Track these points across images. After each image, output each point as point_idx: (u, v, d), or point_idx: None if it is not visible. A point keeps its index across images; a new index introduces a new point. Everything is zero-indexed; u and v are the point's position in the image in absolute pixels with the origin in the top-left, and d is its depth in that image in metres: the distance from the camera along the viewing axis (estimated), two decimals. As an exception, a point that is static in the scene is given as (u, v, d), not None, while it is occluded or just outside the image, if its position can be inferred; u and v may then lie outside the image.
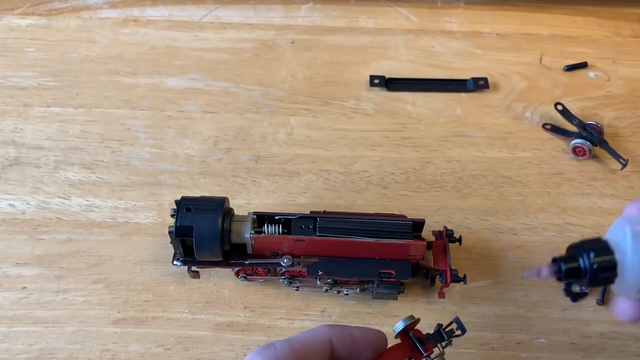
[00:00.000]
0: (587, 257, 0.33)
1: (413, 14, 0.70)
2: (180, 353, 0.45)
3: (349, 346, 0.32)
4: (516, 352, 0.45)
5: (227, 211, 0.44)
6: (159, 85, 0.62)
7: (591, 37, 0.68)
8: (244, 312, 0.47)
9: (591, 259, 0.33)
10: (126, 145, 0.57)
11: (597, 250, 0.34)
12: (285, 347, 0.31)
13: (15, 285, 0.48)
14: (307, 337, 0.32)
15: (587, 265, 0.33)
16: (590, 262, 0.33)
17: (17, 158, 0.56)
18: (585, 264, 0.33)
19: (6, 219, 0.52)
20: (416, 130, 0.59)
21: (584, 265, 0.34)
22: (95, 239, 0.51)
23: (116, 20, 0.68)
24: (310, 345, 0.31)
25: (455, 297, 0.48)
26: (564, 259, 0.34)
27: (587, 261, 0.33)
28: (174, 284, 0.48)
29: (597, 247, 0.34)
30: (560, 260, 0.34)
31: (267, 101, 0.61)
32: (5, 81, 0.62)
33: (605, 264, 0.33)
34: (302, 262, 0.44)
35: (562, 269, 0.34)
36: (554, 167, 0.56)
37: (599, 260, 0.33)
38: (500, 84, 0.63)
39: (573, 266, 0.34)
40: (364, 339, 0.33)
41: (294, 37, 0.67)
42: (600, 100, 0.62)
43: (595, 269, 0.33)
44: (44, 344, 0.45)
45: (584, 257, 0.34)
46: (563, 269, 0.34)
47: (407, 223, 0.44)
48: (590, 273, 0.33)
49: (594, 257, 0.33)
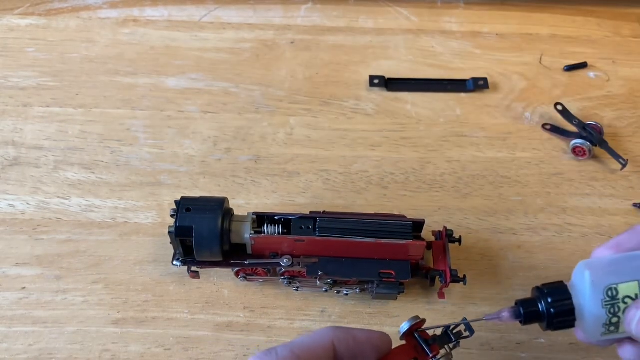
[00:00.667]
0: (546, 302, 0.34)
1: (413, 14, 0.70)
2: (180, 353, 0.45)
3: (352, 349, 0.32)
4: (516, 352, 0.45)
5: (226, 211, 0.44)
6: (159, 85, 0.62)
7: (591, 37, 0.68)
8: (243, 313, 0.47)
9: (549, 303, 0.34)
10: (126, 145, 0.57)
11: (556, 294, 0.34)
12: (286, 352, 0.30)
13: (15, 286, 0.48)
14: (309, 342, 0.31)
15: (545, 309, 0.34)
16: (548, 306, 0.34)
17: (17, 158, 0.56)
18: (544, 309, 0.34)
19: (6, 219, 0.52)
20: (416, 131, 0.59)
21: (543, 310, 0.34)
22: (95, 239, 0.51)
23: (116, 20, 0.68)
24: (312, 350, 0.31)
25: (455, 298, 0.48)
26: (524, 303, 0.35)
27: (545, 306, 0.34)
28: (173, 284, 0.48)
29: (556, 291, 0.34)
30: (520, 304, 0.35)
31: (266, 101, 0.61)
32: (5, 81, 0.62)
33: (563, 309, 0.34)
34: (302, 262, 0.44)
35: (521, 313, 0.34)
36: (554, 168, 0.56)
37: (556, 305, 0.34)
38: (500, 84, 0.63)
39: (532, 310, 0.34)
40: (367, 341, 0.32)
41: (294, 37, 0.67)
42: (600, 100, 0.62)
43: (552, 313, 0.34)
44: (44, 344, 0.45)
45: (542, 301, 0.34)
46: (522, 313, 0.34)
47: (406, 223, 0.44)
48: (548, 317, 0.34)
49: (552, 301, 0.34)
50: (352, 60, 0.65)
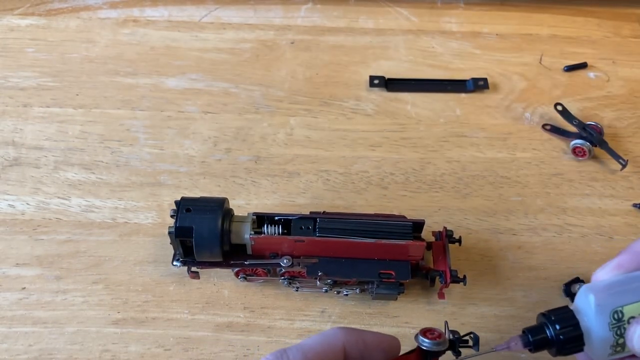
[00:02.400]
0: (554, 329, 0.34)
1: (413, 14, 0.70)
2: (180, 354, 0.45)
3: (361, 352, 0.32)
4: (515, 353, 0.45)
5: (226, 212, 0.44)
6: (159, 85, 0.62)
7: (591, 37, 0.68)
8: (243, 313, 0.47)
9: (557, 330, 0.34)
10: (126, 145, 0.57)
11: (563, 321, 0.34)
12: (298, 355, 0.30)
13: (15, 286, 0.48)
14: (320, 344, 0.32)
15: (554, 335, 0.34)
16: (557, 333, 0.34)
17: (17, 158, 0.56)
18: (552, 335, 0.34)
19: (6, 220, 0.52)
20: (416, 131, 0.59)
21: (552, 337, 0.34)
22: (95, 239, 0.51)
23: (116, 20, 0.68)
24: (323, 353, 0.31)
25: (455, 298, 0.48)
26: (531, 330, 0.35)
27: (553, 332, 0.34)
28: (173, 285, 0.48)
29: (563, 318, 0.34)
30: (528, 331, 0.35)
31: (266, 101, 0.61)
32: (4, 81, 0.62)
33: (572, 335, 0.34)
34: (302, 262, 0.44)
35: (530, 341, 0.35)
36: (554, 168, 0.56)
37: (565, 332, 0.34)
38: (500, 84, 0.63)
39: (541, 337, 0.34)
40: (377, 345, 0.33)
41: (294, 37, 0.67)
42: (600, 100, 0.62)
43: (562, 339, 0.34)
44: (44, 345, 0.45)
45: (549, 328, 0.34)
46: (531, 341, 0.35)
47: (406, 224, 0.44)
48: (557, 344, 0.34)
49: (560, 328, 0.34)
50: (352, 61, 0.65)
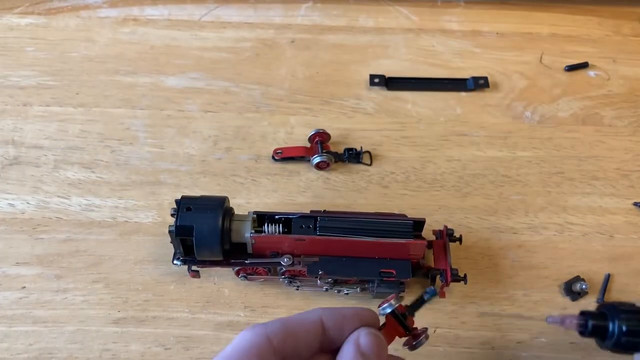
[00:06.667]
0: (618, 319, 0.33)
1: (413, 13, 0.70)
2: (180, 352, 0.45)
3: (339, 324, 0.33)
4: (516, 352, 0.45)
5: (227, 210, 0.44)
6: (159, 84, 0.62)
7: (591, 36, 0.68)
8: (244, 312, 0.47)
9: (621, 320, 0.33)
10: (126, 144, 0.57)
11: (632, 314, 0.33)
12: (276, 323, 0.32)
13: (15, 285, 0.48)
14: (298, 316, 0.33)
15: (616, 327, 0.33)
16: (620, 324, 0.33)
17: (17, 157, 0.56)
18: (614, 326, 0.33)
19: (6, 219, 0.52)
20: (416, 130, 0.59)
21: (613, 327, 0.33)
22: (95, 238, 0.51)
23: (116, 19, 0.68)
24: (301, 322, 0.32)
25: (456, 296, 0.48)
26: (593, 316, 0.34)
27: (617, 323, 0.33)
28: (174, 284, 0.48)
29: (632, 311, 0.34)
30: (589, 316, 0.34)
31: (267, 100, 0.61)
32: (4, 80, 0.62)
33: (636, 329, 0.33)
34: (303, 261, 0.44)
35: (588, 325, 0.34)
36: (554, 166, 0.56)
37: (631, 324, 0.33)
38: (500, 83, 0.63)
39: (601, 325, 0.34)
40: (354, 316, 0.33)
41: (294, 36, 0.67)
42: (600, 99, 0.62)
43: (624, 331, 0.33)
44: (44, 344, 0.45)
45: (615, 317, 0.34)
46: (589, 325, 0.34)
47: (407, 222, 0.44)
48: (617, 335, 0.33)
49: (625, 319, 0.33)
50: (352, 59, 0.65)
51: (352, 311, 0.34)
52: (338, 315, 0.33)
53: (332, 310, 0.33)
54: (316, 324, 0.32)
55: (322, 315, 0.33)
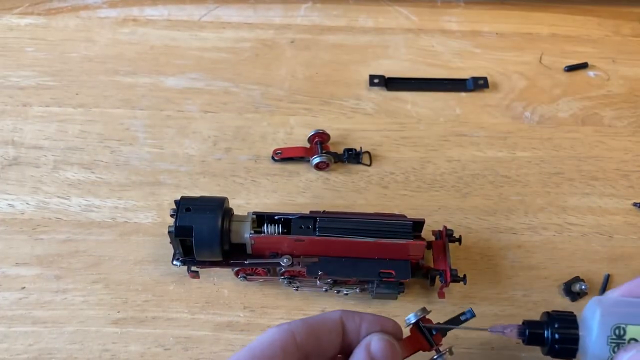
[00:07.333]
0: (552, 327, 0.35)
1: (413, 13, 0.70)
2: (179, 353, 0.45)
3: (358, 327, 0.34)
4: (516, 352, 0.45)
5: (226, 211, 0.44)
6: (159, 84, 0.62)
7: (591, 36, 0.68)
8: (243, 312, 0.47)
9: (555, 328, 0.35)
10: (125, 145, 0.57)
11: (564, 322, 0.35)
12: (299, 322, 0.33)
13: (15, 285, 0.48)
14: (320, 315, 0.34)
15: (550, 334, 0.35)
16: (554, 331, 0.35)
17: (17, 158, 0.56)
18: (549, 334, 0.35)
19: (5, 219, 0.52)
20: (416, 130, 0.59)
21: (548, 334, 0.35)
22: (95, 238, 0.51)
23: (115, 19, 0.68)
24: (323, 321, 0.33)
25: (455, 297, 0.48)
26: (530, 323, 0.36)
27: (551, 330, 0.35)
28: (173, 284, 0.48)
29: (564, 319, 0.35)
30: (527, 325, 0.36)
31: (266, 101, 0.61)
32: (4, 81, 0.62)
33: (567, 337, 0.34)
34: (302, 262, 0.44)
35: (526, 334, 0.35)
36: (554, 167, 0.56)
37: (562, 332, 0.35)
38: (500, 83, 0.63)
39: (537, 332, 0.35)
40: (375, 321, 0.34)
41: (294, 36, 0.67)
42: (600, 99, 0.62)
43: (556, 339, 0.34)
44: (44, 344, 0.45)
45: (549, 326, 0.35)
46: (527, 334, 0.35)
47: (406, 223, 0.44)
48: (551, 342, 0.35)
49: (558, 327, 0.35)
50: (352, 60, 0.65)
51: (374, 316, 0.34)
52: (358, 317, 0.34)
53: (353, 312, 0.34)
54: (337, 324, 0.33)
55: (343, 316, 0.34)
